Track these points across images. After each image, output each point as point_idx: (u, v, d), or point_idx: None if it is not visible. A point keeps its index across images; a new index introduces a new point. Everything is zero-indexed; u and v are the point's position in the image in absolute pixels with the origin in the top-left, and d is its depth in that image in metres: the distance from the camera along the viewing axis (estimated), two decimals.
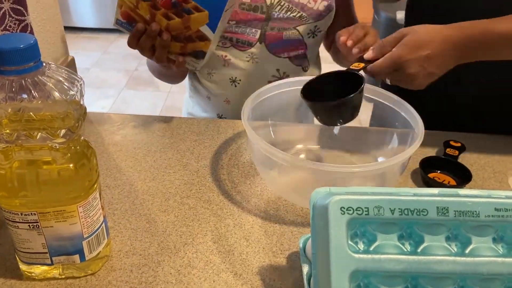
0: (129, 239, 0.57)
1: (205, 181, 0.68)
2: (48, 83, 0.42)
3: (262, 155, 0.63)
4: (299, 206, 0.64)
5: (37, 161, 0.44)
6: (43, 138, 0.43)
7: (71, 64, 0.93)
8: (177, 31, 0.69)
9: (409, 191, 0.44)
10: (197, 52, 0.72)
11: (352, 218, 0.42)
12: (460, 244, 0.43)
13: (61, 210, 0.46)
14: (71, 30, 3.29)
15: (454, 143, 0.74)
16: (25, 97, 0.41)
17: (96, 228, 0.50)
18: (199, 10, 0.67)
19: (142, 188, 0.66)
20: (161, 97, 2.63)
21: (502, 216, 0.42)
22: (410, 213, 0.42)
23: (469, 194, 0.44)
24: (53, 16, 0.86)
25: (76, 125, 0.44)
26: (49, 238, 0.48)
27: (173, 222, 0.60)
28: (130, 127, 0.80)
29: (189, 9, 0.66)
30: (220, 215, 0.62)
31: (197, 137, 0.78)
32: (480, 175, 0.71)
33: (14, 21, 0.61)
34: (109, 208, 0.62)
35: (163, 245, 0.57)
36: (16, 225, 0.47)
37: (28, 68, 0.41)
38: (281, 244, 0.57)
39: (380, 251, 0.43)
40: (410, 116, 0.66)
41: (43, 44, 0.84)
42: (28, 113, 0.41)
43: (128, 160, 0.72)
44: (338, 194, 0.43)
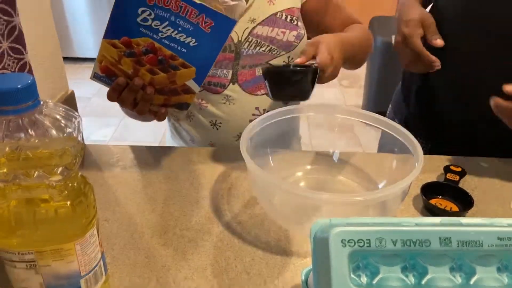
0: (127, 275, 0.56)
1: (204, 212, 0.67)
2: (45, 122, 0.42)
3: (261, 185, 0.63)
4: (301, 237, 0.63)
5: (34, 200, 0.44)
6: (40, 177, 0.43)
7: (71, 97, 0.94)
8: (162, 85, 0.68)
9: (411, 221, 0.44)
10: (182, 105, 0.72)
11: (354, 251, 0.41)
12: (465, 275, 0.42)
13: (58, 248, 0.45)
14: (73, 60, 3.34)
15: (454, 168, 0.74)
16: (22, 136, 0.41)
17: (94, 265, 0.49)
18: (186, 66, 0.66)
19: (141, 221, 0.65)
20: (162, 124, 2.63)
21: (505, 245, 0.42)
22: (412, 244, 0.42)
23: (472, 223, 0.43)
24: (53, 51, 0.87)
25: (74, 162, 0.44)
26: (47, 277, 0.47)
27: (172, 256, 0.59)
28: (129, 159, 0.80)
29: (176, 65, 0.66)
30: (221, 247, 0.61)
31: (197, 167, 0.78)
32: (482, 200, 0.71)
33: (13, 60, 0.62)
34: (108, 243, 0.61)
35: (162, 281, 0.56)
36: (13, 265, 0.46)
37: (26, 108, 0.41)
38: (283, 277, 0.56)
39: (384, 284, 0.42)
40: (408, 141, 0.66)
41: (42, 80, 0.85)
42: (25, 152, 0.41)
43: (127, 192, 0.72)
44: (339, 225, 0.42)
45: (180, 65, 0.66)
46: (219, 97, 0.86)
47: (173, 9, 0.62)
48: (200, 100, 0.87)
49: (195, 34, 0.63)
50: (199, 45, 0.64)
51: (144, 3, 0.61)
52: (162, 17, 0.62)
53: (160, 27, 0.63)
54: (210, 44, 0.65)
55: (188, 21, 0.63)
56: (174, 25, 0.63)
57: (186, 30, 0.63)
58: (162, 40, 0.64)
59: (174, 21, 0.62)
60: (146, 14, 0.62)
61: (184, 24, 0.63)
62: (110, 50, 0.65)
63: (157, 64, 0.66)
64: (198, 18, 0.63)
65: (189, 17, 0.62)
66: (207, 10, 0.62)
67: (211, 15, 0.63)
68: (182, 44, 0.64)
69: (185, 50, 0.65)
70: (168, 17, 0.62)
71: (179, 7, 0.62)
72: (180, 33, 0.63)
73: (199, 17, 0.63)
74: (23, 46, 0.64)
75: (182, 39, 0.64)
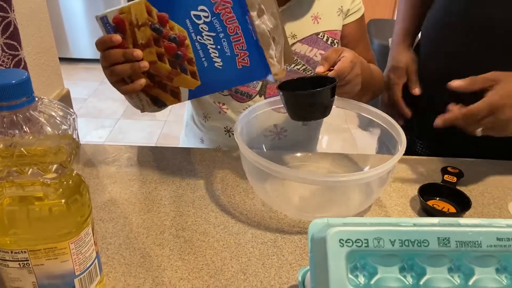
0: (123, 275, 0.56)
1: (201, 213, 0.67)
2: (40, 118, 0.41)
3: (253, 168, 0.64)
4: (298, 237, 0.62)
5: (28, 197, 0.43)
6: (35, 174, 0.42)
7: (66, 96, 0.93)
8: (158, 74, 0.64)
9: (409, 221, 0.43)
10: (157, 101, 0.67)
11: (352, 251, 0.41)
12: (463, 276, 0.42)
13: (52, 247, 0.45)
14: (69, 61, 3.32)
15: (451, 169, 0.74)
16: (17, 132, 0.40)
17: (89, 265, 0.48)
18: (194, 76, 0.63)
19: (137, 221, 0.65)
20: (157, 126, 2.63)
21: (504, 246, 0.41)
22: (410, 244, 0.41)
23: (470, 223, 0.43)
24: (48, 49, 0.87)
25: (68, 160, 0.44)
26: (40, 276, 0.46)
27: (168, 256, 0.59)
28: (125, 158, 0.80)
29: (186, 69, 0.62)
30: (217, 248, 0.60)
31: (193, 168, 0.77)
32: (479, 202, 0.71)
33: (8, 56, 0.62)
34: (103, 243, 0.61)
35: (157, 281, 0.55)
36: (6, 264, 0.45)
37: (20, 104, 0.40)
38: (280, 277, 0.56)
39: (382, 284, 0.41)
40: (391, 126, 0.69)
41: (37, 77, 0.84)
42: (20, 149, 0.41)
43: (123, 192, 0.71)
44: (336, 225, 0.42)
45: (190, 72, 0.62)
46: (241, 105, 0.84)
47: (229, 29, 0.59)
48: (221, 104, 0.85)
49: (226, 60, 0.61)
50: (221, 71, 0.61)
51: (209, 6, 0.58)
52: (214, 28, 0.59)
53: (204, 32, 0.60)
54: (230, 77, 0.62)
55: (231, 47, 0.60)
56: (217, 41, 0.60)
57: (222, 52, 0.60)
58: (195, 42, 0.60)
59: (220, 38, 0.60)
60: (203, 13, 0.59)
61: (226, 47, 0.60)
62: (141, 11, 0.59)
63: (171, 55, 0.62)
64: (241, 51, 0.60)
65: (235, 44, 0.60)
66: (253, 51, 0.60)
67: (253, 57, 0.60)
68: (209, 59, 0.61)
69: (206, 65, 0.61)
70: (218, 31, 0.59)
71: (235, 32, 0.59)
72: (216, 50, 0.60)
73: (242, 51, 0.60)
74: (18, 43, 0.63)
75: (213, 55, 0.61)
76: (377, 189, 0.66)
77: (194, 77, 0.62)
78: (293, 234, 0.63)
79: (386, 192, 0.72)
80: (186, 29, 0.59)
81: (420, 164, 0.80)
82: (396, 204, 0.70)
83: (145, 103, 0.67)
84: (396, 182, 0.75)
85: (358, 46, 0.86)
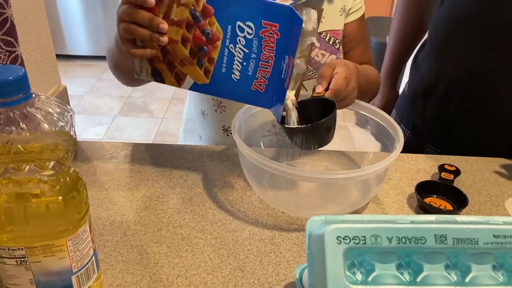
0: (120, 272, 0.56)
1: (198, 210, 0.67)
2: (37, 115, 0.41)
3: (251, 165, 0.64)
4: (295, 234, 0.63)
5: (25, 194, 0.43)
6: (32, 171, 0.42)
7: (63, 93, 0.93)
8: (173, 53, 0.60)
9: (406, 219, 0.44)
10: (158, 75, 0.63)
11: (349, 248, 0.41)
12: (460, 273, 0.42)
13: (50, 244, 0.44)
14: (66, 58, 3.31)
15: (449, 167, 0.74)
16: (14, 129, 0.40)
17: (86, 262, 0.48)
18: (206, 74, 0.61)
19: (134, 218, 0.65)
20: (155, 123, 2.63)
21: (501, 243, 0.41)
22: (408, 241, 0.41)
23: (467, 220, 0.43)
24: (45, 45, 0.86)
25: (66, 157, 0.43)
26: (37, 273, 0.46)
27: (165, 253, 0.59)
28: (122, 155, 0.79)
29: (203, 64, 0.60)
30: (214, 245, 0.60)
31: (190, 165, 0.77)
32: (476, 199, 0.71)
33: (4, 53, 0.61)
34: (100, 240, 0.60)
35: (155, 278, 0.55)
36: (2, 261, 0.45)
37: (17, 100, 0.40)
38: (277, 274, 0.56)
39: (379, 281, 0.41)
40: (388, 124, 0.69)
41: (34, 74, 0.84)
42: (17, 146, 0.41)
43: (120, 189, 0.71)
44: (334, 222, 0.42)
45: (205, 69, 0.61)
46: (241, 104, 0.84)
47: (263, 56, 0.58)
48: (219, 102, 0.85)
49: (244, 77, 0.60)
50: (234, 83, 0.60)
51: (257, 27, 0.57)
52: (250, 46, 0.58)
53: (239, 45, 0.58)
54: (238, 91, 0.61)
55: (255, 70, 0.59)
56: (247, 58, 0.59)
57: (245, 69, 0.59)
58: (226, 48, 0.59)
59: (250, 57, 0.59)
60: (247, 29, 0.57)
61: (251, 67, 0.59)
62: None
63: (196, 46, 0.59)
64: (262, 77, 0.59)
65: (260, 70, 0.59)
66: (273, 84, 0.59)
67: (269, 88, 0.59)
68: (229, 68, 0.60)
69: (224, 71, 0.60)
70: (252, 51, 0.58)
71: (267, 60, 0.59)
72: (240, 65, 0.59)
73: (264, 78, 0.59)
74: (15, 39, 0.63)
75: (235, 67, 0.60)
76: (375, 186, 0.66)
77: (206, 74, 0.61)
78: (291, 231, 0.63)
79: (383, 189, 0.72)
80: (224, 32, 0.58)
81: (417, 161, 0.80)
82: (393, 201, 0.70)
83: (144, 71, 0.64)
84: (393, 180, 0.75)
85: (358, 46, 0.86)
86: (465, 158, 0.80)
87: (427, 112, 0.90)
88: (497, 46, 0.76)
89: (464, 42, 0.80)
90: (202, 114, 0.89)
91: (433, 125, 0.90)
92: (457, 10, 0.81)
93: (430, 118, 0.89)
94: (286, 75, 0.60)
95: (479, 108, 0.82)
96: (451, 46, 0.82)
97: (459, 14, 0.80)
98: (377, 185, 0.66)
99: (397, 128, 0.67)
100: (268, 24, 0.57)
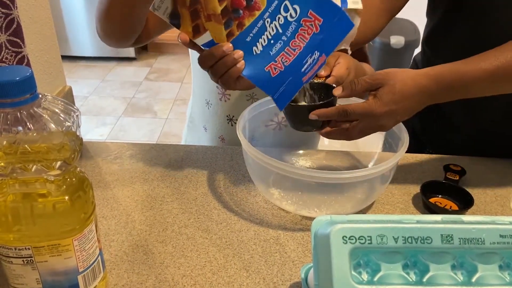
0: (125, 272, 0.56)
1: (203, 210, 0.67)
2: (44, 115, 0.41)
3: (256, 165, 0.64)
4: (300, 234, 0.63)
5: (31, 194, 0.43)
6: (38, 171, 0.42)
7: (69, 93, 0.93)
8: (203, 3, 0.57)
9: (412, 218, 0.44)
10: (176, 18, 0.58)
11: (355, 248, 0.41)
12: (466, 273, 0.42)
13: (56, 244, 0.45)
14: (70, 59, 3.32)
15: (454, 167, 0.74)
16: (21, 129, 0.40)
17: (92, 261, 0.48)
18: (229, 36, 0.58)
19: (140, 218, 0.65)
20: (158, 123, 2.63)
21: (507, 243, 0.41)
22: (414, 241, 0.41)
23: (473, 220, 0.43)
24: (51, 46, 0.86)
25: (72, 157, 0.44)
26: (44, 273, 0.46)
27: (171, 253, 0.59)
28: (127, 156, 0.80)
29: (230, 26, 0.57)
30: (219, 245, 0.60)
31: (195, 165, 0.77)
32: (481, 199, 0.71)
33: (11, 53, 0.61)
34: (106, 240, 0.61)
35: (160, 278, 0.55)
36: (9, 260, 0.45)
37: (24, 100, 0.40)
38: (282, 274, 0.56)
39: (385, 281, 0.41)
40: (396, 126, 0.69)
41: (40, 75, 0.84)
42: (23, 146, 0.41)
43: (125, 189, 0.71)
44: (340, 222, 0.42)
45: (230, 31, 0.58)
46: (245, 92, 0.84)
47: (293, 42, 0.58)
48: (224, 90, 0.85)
49: (264, 55, 0.58)
50: (251, 56, 0.58)
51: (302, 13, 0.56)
52: (286, 28, 0.57)
53: (276, 22, 0.57)
54: (251, 66, 0.58)
55: (278, 52, 0.58)
56: (276, 38, 0.58)
57: (269, 48, 0.58)
58: (261, 20, 0.57)
59: (280, 38, 0.57)
60: (291, 11, 0.56)
61: (275, 48, 0.58)
62: None
63: (232, 6, 0.57)
64: (281, 63, 0.58)
65: (283, 54, 0.58)
66: (288, 74, 0.58)
67: (282, 76, 0.58)
68: (254, 39, 0.58)
69: (248, 40, 0.58)
70: (285, 33, 0.57)
71: (294, 48, 0.58)
72: (267, 41, 0.58)
73: (282, 64, 0.58)
74: (21, 40, 0.63)
75: (261, 41, 0.58)
76: (380, 186, 0.66)
77: (228, 37, 0.58)
78: (296, 231, 0.63)
79: (389, 189, 0.72)
80: (268, 5, 0.56)
81: (423, 161, 0.80)
82: (398, 201, 0.70)
83: (163, 8, 0.59)
84: (398, 180, 0.75)
85: None
86: (470, 158, 0.80)
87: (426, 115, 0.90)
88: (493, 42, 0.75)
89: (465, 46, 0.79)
90: (207, 104, 0.90)
91: (432, 128, 0.90)
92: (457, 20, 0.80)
93: (428, 121, 0.89)
94: (309, 70, 0.59)
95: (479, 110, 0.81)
96: (442, 55, 0.82)
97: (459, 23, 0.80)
98: (382, 185, 0.66)
99: (402, 128, 0.67)
100: (314, 15, 0.56)
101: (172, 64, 3.40)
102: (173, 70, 3.31)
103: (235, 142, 0.86)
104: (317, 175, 0.62)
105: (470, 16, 0.75)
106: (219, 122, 0.90)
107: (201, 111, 0.93)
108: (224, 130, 0.90)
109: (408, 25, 2.52)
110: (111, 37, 0.72)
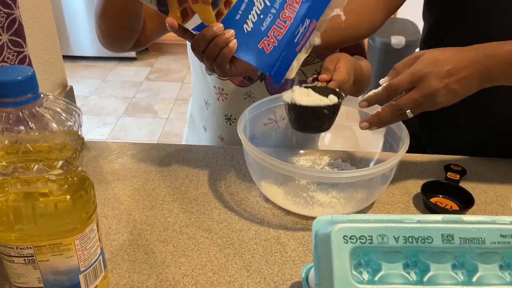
0: (127, 271, 0.56)
1: (204, 209, 0.67)
2: (45, 115, 0.42)
3: (257, 165, 0.64)
4: (301, 233, 0.63)
5: (33, 193, 0.43)
6: (40, 170, 0.42)
7: (70, 93, 0.94)
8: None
9: (413, 218, 0.44)
10: (164, 5, 0.57)
11: (356, 247, 0.41)
12: (467, 272, 0.42)
13: (58, 243, 0.45)
14: (71, 59, 3.33)
15: (454, 167, 0.74)
16: (22, 129, 0.41)
17: (93, 261, 0.48)
18: (218, 16, 0.57)
19: (140, 218, 0.65)
20: (159, 123, 2.63)
21: (508, 243, 0.41)
22: (414, 241, 0.41)
23: (474, 220, 0.43)
24: (52, 46, 0.87)
25: (74, 156, 0.44)
26: (45, 272, 0.46)
27: (172, 252, 0.59)
28: (128, 155, 0.80)
29: (218, 5, 0.56)
30: (220, 245, 0.60)
31: (196, 164, 0.77)
32: (482, 199, 0.71)
33: (13, 53, 0.62)
34: (107, 239, 0.61)
35: (161, 277, 0.55)
36: (11, 259, 0.46)
37: (26, 100, 0.40)
38: (283, 274, 0.56)
39: (386, 281, 0.41)
40: (395, 124, 0.69)
41: (42, 74, 0.85)
42: (25, 145, 0.41)
43: (126, 189, 0.71)
44: (341, 222, 0.42)
45: (219, 11, 0.57)
46: (242, 90, 0.84)
47: (282, 14, 0.56)
48: (221, 89, 0.85)
49: (255, 32, 0.57)
50: (242, 34, 0.57)
51: None
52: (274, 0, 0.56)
53: None
54: (244, 44, 0.57)
55: (269, 27, 0.56)
56: (265, 12, 0.56)
57: (259, 23, 0.56)
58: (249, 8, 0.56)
59: (269, 11, 0.56)
60: None
61: (266, 22, 0.56)
62: None
63: None
64: (273, 37, 0.57)
65: (274, 28, 0.56)
66: (281, 47, 0.56)
67: (276, 51, 0.57)
68: (244, 17, 0.56)
69: (238, 18, 0.56)
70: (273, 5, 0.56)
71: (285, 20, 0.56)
72: (256, 16, 0.56)
73: (274, 38, 0.57)
74: (23, 39, 0.63)
75: (250, 18, 0.56)
76: (380, 186, 0.66)
77: (217, 17, 0.57)
78: (296, 231, 0.63)
79: (389, 189, 0.72)
80: None
81: (423, 161, 0.80)
82: (399, 201, 0.70)
83: None
84: (399, 180, 0.75)
85: None
86: (470, 158, 0.80)
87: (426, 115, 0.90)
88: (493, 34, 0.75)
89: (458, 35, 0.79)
90: (206, 104, 0.90)
91: (433, 128, 0.90)
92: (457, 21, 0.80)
93: (429, 121, 0.89)
94: (301, 39, 0.58)
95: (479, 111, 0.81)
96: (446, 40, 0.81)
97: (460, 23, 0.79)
98: (382, 185, 0.66)
99: (402, 127, 0.67)
100: None
101: (173, 64, 3.40)
102: (173, 70, 3.31)
103: (234, 141, 0.86)
104: (318, 175, 0.63)
105: (470, 17, 0.75)
106: (218, 122, 0.90)
107: (200, 111, 0.93)
108: (223, 130, 0.90)
109: (408, 25, 2.52)
110: (110, 37, 0.73)
